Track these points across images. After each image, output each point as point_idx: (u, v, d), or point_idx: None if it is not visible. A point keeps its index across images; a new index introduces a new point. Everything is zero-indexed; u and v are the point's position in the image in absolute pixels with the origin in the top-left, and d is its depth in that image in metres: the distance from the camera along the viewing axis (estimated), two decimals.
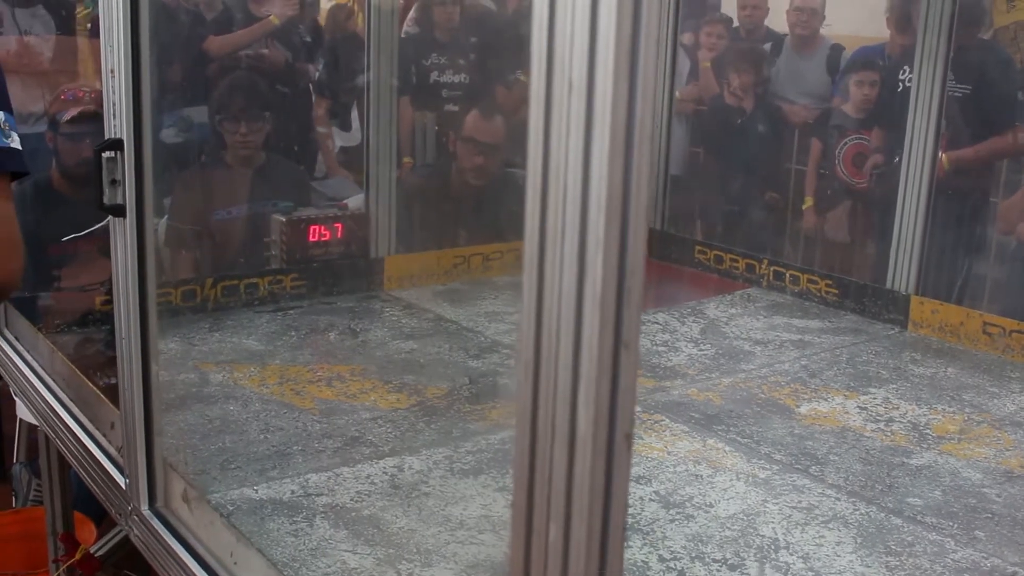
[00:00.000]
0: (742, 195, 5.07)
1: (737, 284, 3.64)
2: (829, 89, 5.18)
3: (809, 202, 4.92)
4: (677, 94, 5.43)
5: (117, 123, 1.78)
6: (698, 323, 3.26)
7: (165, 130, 3.75)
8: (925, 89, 3.16)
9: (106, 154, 1.78)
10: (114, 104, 1.78)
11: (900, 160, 4.09)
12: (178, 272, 3.25)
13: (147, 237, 1.82)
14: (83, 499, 2.92)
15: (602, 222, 0.88)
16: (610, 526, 0.95)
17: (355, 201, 3.66)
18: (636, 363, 0.93)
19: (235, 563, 1.73)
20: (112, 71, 1.76)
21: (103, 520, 3.07)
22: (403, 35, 5.77)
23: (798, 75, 5.30)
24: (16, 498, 3.26)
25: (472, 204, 3.73)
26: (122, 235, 1.82)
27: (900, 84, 4.32)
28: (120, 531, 2.48)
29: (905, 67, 4.30)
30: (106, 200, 1.80)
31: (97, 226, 3.44)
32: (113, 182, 1.80)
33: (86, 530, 2.79)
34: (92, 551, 2.47)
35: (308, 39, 4.90)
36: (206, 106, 3.83)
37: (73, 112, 3.32)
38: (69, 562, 2.43)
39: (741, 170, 5.09)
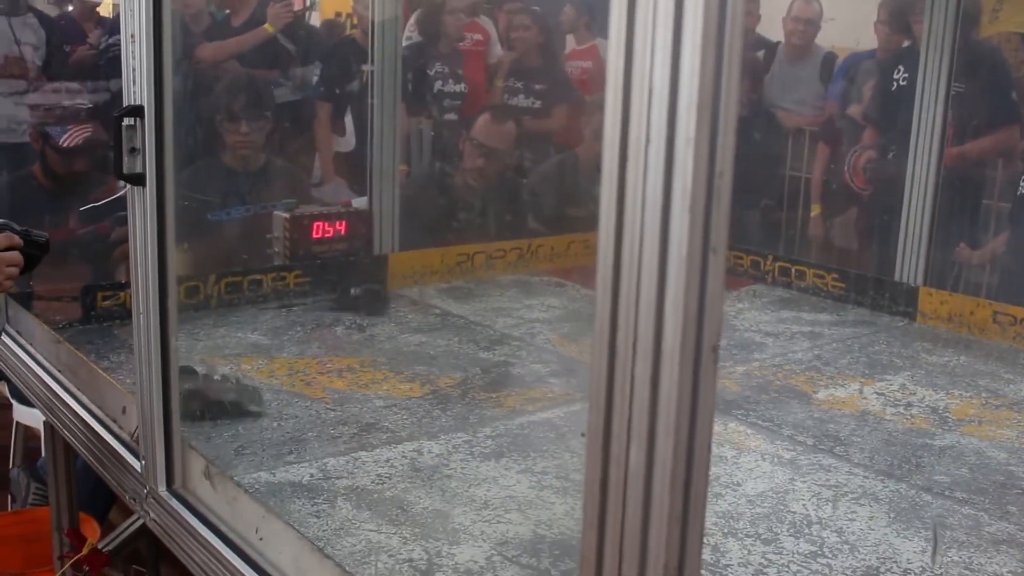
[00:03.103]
0: (737, 201, 5.04)
1: (743, 281, 3.62)
2: (822, 96, 5.20)
3: (817, 210, 4.89)
4: None
5: (137, 89, 1.74)
6: None
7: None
8: (931, 85, 3.16)
9: (126, 121, 1.74)
10: (134, 70, 1.74)
11: (893, 155, 4.12)
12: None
13: (167, 207, 1.77)
14: (85, 498, 2.85)
15: (693, 120, 0.85)
16: (695, 444, 0.92)
17: (358, 202, 3.62)
18: (723, 270, 0.89)
19: (261, 539, 1.68)
20: (132, 36, 1.72)
21: (105, 519, 3.00)
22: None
23: (792, 83, 5.31)
24: (14, 502, 3.19)
25: (473, 205, 3.70)
26: (140, 205, 1.77)
27: (895, 83, 4.34)
28: (129, 525, 2.42)
29: (900, 66, 4.32)
30: (125, 169, 1.75)
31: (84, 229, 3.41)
32: (132, 150, 1.75)
33: (89, 529, 2.72)
34: (100, 547, 2.40)
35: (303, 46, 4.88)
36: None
37: (75, 139, 3.29)
38: (76, 557, 2.36)
39: (736, 176, 5.07)
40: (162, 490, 1.88)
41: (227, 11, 5.07)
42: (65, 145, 3.23)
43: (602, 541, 0.96)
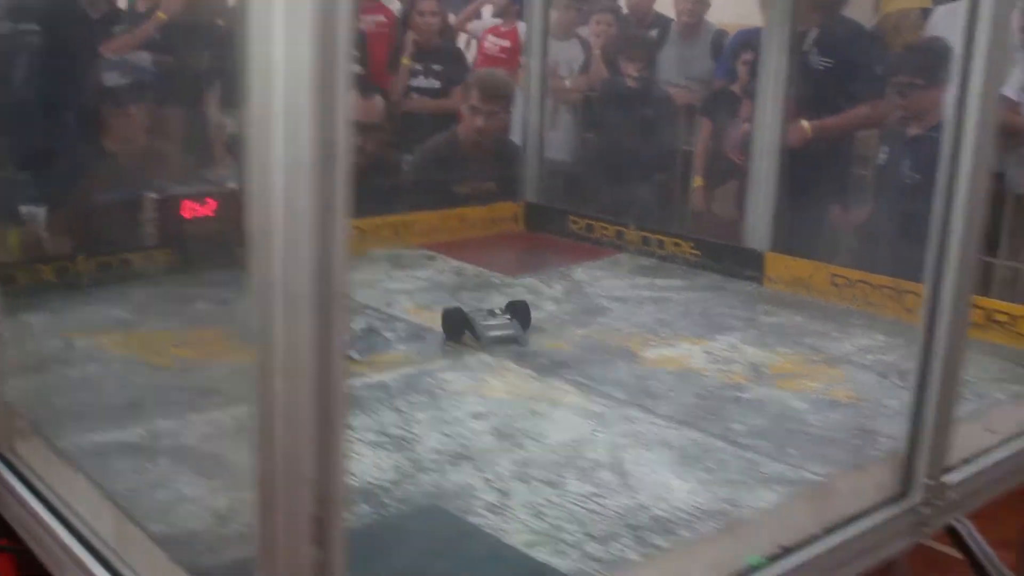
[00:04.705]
0: (630, 176, 5.21)
1: (608, 251, 3.78)
2: (712, 73, 5.37)
3: (699, 181, 5.08)
4: (568, 83, 5.59)
5: None
6: (563, 285, 3.39)
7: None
8: (772, 60, 3.32)
9: None
10: None
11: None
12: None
13: None
14: None
15: (306, 95, 0.98)
16: (332, 376, 1.06)
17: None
18: (345, 226, 1.03)
19: (72, 498, 1.81)
20: None
21: None
22: None
23: (684, 60, 5.48)
24: None
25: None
26: None
27: None
28: None
29: None
30: None
31: None
32: None
33: None
34: None
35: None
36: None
37: None
38: None
39: (629, 152, 5.23)
40: None
41: None
42: None
43: (267, 460, 1.11)
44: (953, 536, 2.72)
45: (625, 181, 5.17)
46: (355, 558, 1.74)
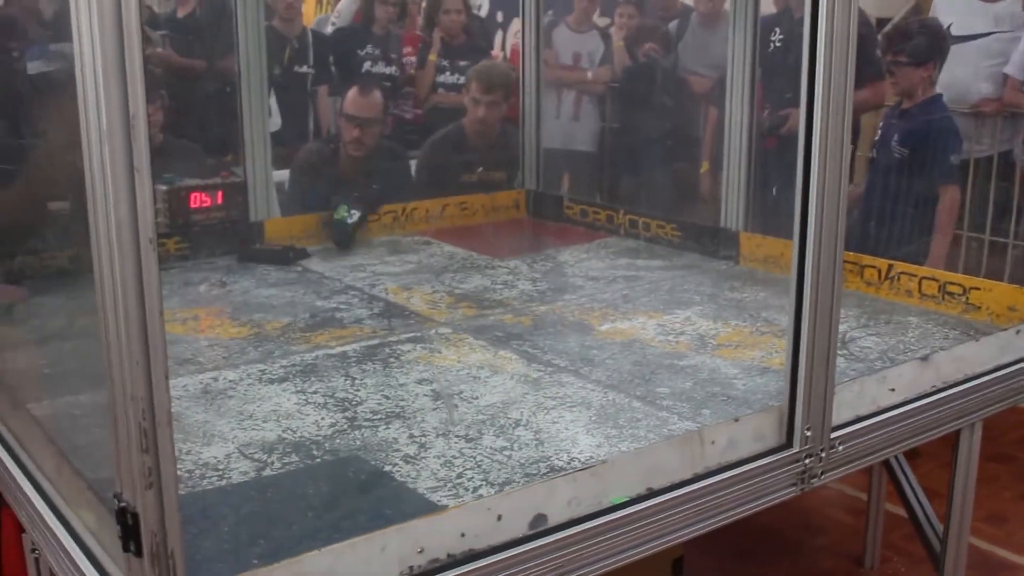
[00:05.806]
0: (650, 165, 5.35)
1: (599, 234, 3.94)
2: None
3: (705, 166, 5.22)
4: (589, 75, 5.76)
5: None
6: (546, 267, 3.56)
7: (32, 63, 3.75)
8: (739, 46, 3.45)
9: None
10: None
11: (768, 112, 4.41)
12: None
13: None
14: None
15: (100, 73, 1.19)
16: (147, 308, 1.27)
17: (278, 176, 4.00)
18: (150, 185, 1.24)
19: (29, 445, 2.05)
20: None
21: None
22: (328, 29, 6.18)
23: (703, 48, 5.60)
24: None
25: (354, 173, 4.05)
26: None
27: (771, 44, 4.62)
28: None
29: (776, 28, 4.63)
30: None
31: None
32: None
33: None
34: None
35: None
36: None
37: None
38: None
39: (649, 141, 5.38)
40: None
41: None
42: None
43: (109, 384, 1.32)
44: (890, 473, 2.85)
45: (644, 170, 5.33)
46: (274, 495, 1.97)
